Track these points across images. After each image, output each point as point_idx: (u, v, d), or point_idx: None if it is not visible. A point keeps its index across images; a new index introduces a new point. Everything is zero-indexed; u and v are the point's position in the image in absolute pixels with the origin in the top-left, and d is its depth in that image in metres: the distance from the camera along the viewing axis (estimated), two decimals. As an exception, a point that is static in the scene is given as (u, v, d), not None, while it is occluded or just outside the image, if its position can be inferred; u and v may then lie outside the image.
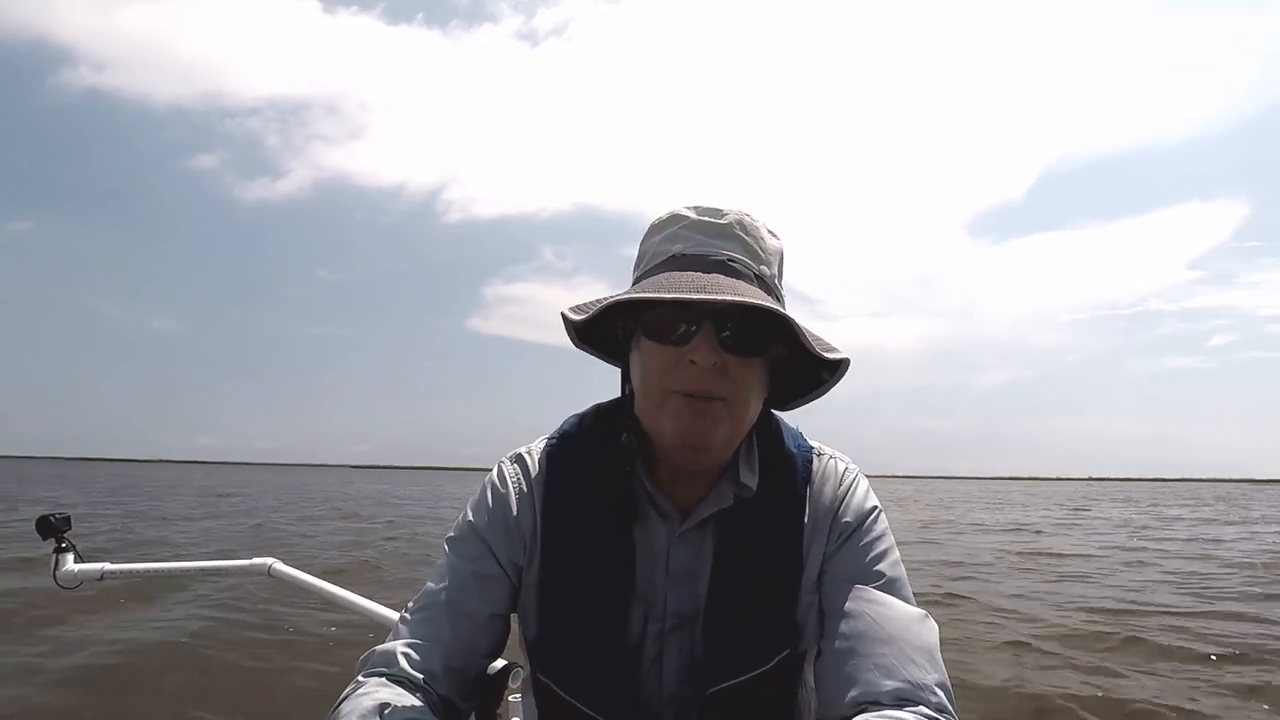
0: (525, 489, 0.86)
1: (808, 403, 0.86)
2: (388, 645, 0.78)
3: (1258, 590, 6.98)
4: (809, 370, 0.82)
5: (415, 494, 28.95)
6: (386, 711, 0.67)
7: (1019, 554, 10.20)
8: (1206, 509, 25.21)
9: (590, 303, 0.79)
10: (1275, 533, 14.42)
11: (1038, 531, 14.45)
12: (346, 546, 9.77)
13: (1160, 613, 5.84)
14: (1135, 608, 6.10)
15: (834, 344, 0.77)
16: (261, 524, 12.81)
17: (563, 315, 0.78)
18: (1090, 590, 7.09)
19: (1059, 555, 10.09)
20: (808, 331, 0.74)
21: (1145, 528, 15.82)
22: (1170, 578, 7.89)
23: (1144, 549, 11.06)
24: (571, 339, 0.82)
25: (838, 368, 0.79)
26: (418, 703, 0.71)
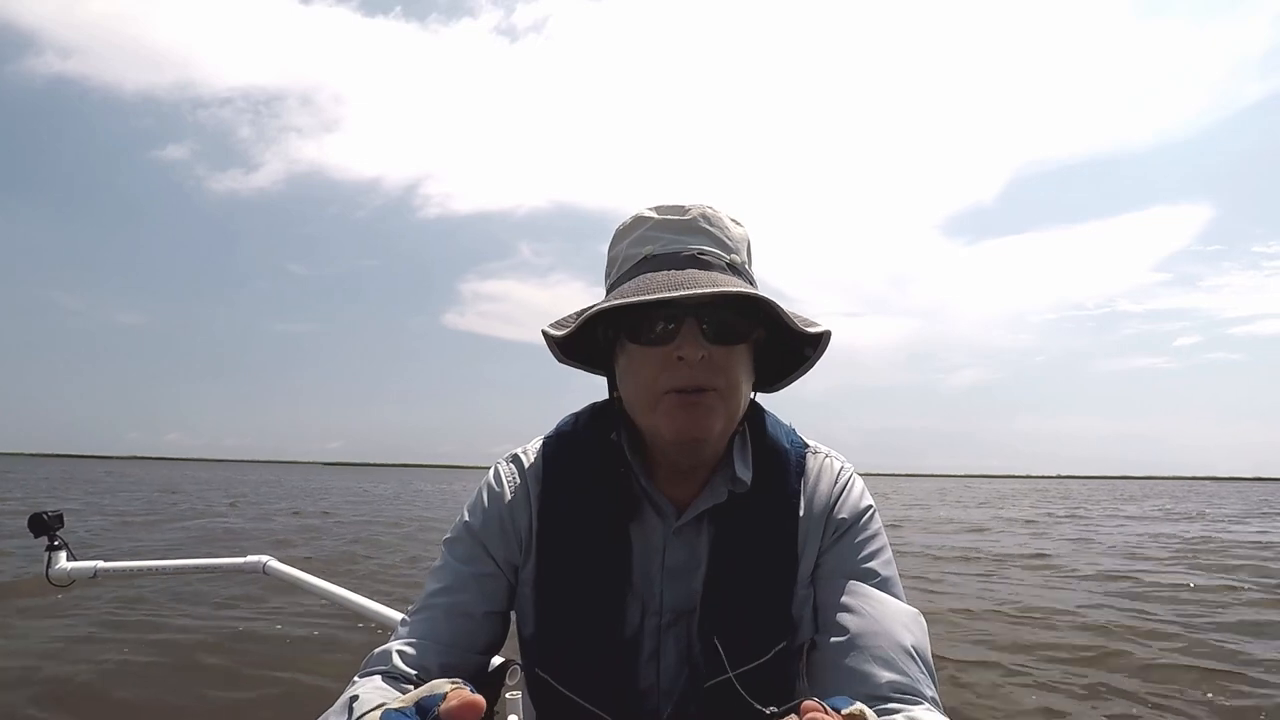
0: (521, 488, 0.87)
1: (793, 381, 0.87)
2: (385, 646, 0.78)
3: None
4: (790, 349, 0.84)
5: (353, 490, 27.58)
6: (356, 703, 0.64)
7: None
8: (1142, 504, 25.67)
9: (569, 317, 0.80)
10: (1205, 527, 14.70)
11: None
12: (191, 542, 9.49)
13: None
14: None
15: (813, 319, 0.79)
16: (128, 522, 12.43)
17: (544, 333, 0.79)
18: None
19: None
20: (787, 310, 0.76)
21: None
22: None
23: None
24: (555, 355, 0.83)
25: (819, 343, 0.80)
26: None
